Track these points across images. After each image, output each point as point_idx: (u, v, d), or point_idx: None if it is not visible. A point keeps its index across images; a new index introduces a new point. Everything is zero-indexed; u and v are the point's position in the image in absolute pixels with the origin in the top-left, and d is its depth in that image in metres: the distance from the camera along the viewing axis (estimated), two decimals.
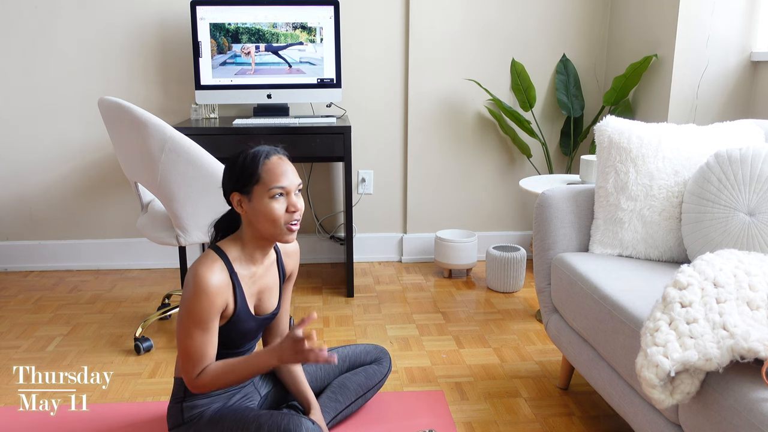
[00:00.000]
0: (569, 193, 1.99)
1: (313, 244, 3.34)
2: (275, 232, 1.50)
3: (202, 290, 1.44)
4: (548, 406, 1.96)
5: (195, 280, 1.45)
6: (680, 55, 2.65)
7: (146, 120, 2.05)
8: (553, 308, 1.97)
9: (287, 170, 1.49)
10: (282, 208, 1.48)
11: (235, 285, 1.52)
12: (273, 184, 1.47)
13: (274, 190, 1.47)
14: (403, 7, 3.11)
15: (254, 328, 1.62)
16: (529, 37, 3.18)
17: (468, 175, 3.31)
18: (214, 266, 1.48)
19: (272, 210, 1.47)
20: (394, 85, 3.19)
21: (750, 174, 1.63)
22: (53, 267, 3.23)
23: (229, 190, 1.52)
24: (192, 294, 1.45)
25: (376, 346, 1.92)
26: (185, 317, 1.47)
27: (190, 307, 1.45)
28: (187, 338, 1.47)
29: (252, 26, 2.86)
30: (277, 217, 1.48)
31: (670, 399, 1.23)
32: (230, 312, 1.54)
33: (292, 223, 1.50)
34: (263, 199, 1.47)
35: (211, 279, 1.45)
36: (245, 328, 1.58)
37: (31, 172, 3.14)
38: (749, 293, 1.30)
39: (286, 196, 1.49)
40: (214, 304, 1.46)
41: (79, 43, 3.02)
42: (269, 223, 1.48)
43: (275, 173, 1.47)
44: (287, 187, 1.48)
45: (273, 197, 1.47)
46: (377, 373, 1.87)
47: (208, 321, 1.47)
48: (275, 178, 1.47)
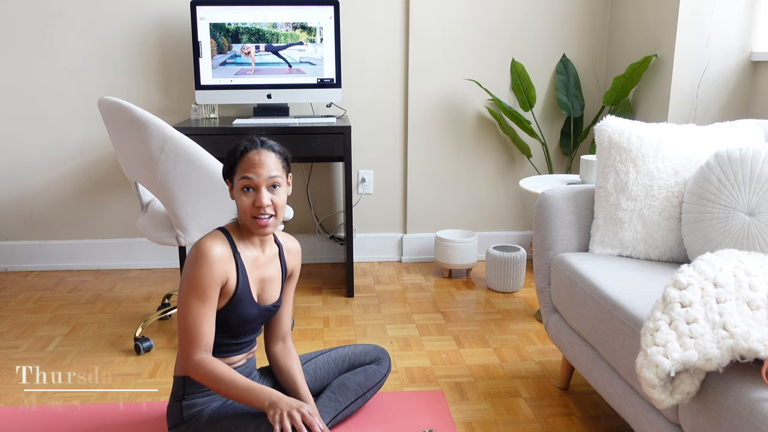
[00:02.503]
0: (569, 193, 1.99)
1: (313, 244, 3.34)
2: (247, 223, 1.55)
3: (203, 257, 1.48)
4: (548, 406, 1.96)
5: (197, 249, 1.50)
6: (680, 55, 2.65)
7: (146, 120, 2.05)
8: (553, 308, 1.97)
9: (259, 164, 1.51)
10: (249, 201, 1.52)
11: (237, 261, 1.55)
12: (241, 175, 1.52)
13: (242, 181, 1.52)
14: (403, 7, 3.11)
15: (255, 316, 1.62)
16: (529, 37, 3.18)
17: (468, 175, 3.31)
18: (216, 238, 1.53)
19: (241, 202, 1.53)
20: (394, 85, 3.19)
21: (750, 174, 1.63)
22: (53, 267, 3.23)
23: (223, 176, 1.60)
24: (192, 262, 1.49)
25: (375, 347, 1.92)
26: (185, 286, 1.50)
27: (190, 275, 1.49)
28: (185, 309, 1.49)
29: (252, 26, 2.86)
30: (244, 209, 1.53)
31: (670, 399, 1.23)
32: (231, 289, 1.55)
33: (259, 216, 1.53)
34: (238, 189, 1.53)
35: (213, 247, 1.50)
36: (246, 314, 1.59)
37: (31, 172, 3.14)
38: (749, 293, 1.30)
39: (255, 190, 1.52)
40: (213, 272, 1.48)
41: (79, 43, 3.02)
42: (241, 213, 1.55)
43: (245, 166, 1.52)
44: (255, 181, 1.51)
45: (242, 189, 1.52)
46: (377, 373, 1.87)
47: (206, 291, 1.48)
48: (244, 171, 1.52)
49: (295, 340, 2.41)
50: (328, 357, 1.86)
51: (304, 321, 2.59)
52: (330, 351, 1.88)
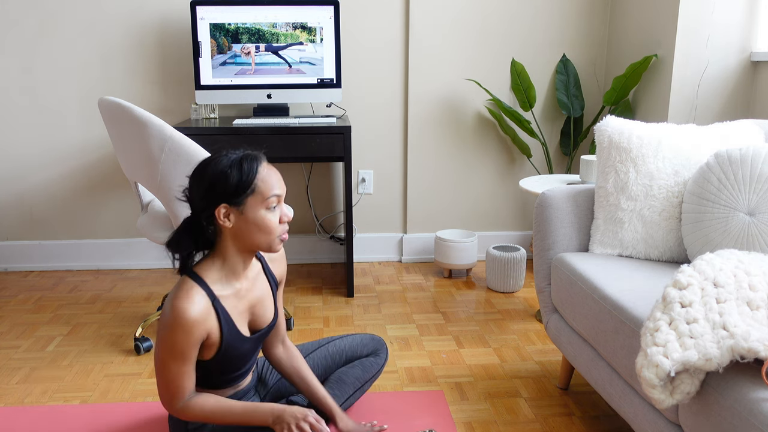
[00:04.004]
0: (569, 193, 1.99)
1: (313, 244, 3.34)
2: (268, 242, 1.42)
3: (178, 323, 1.35)
4: (548, 406, 1.96)
5: (172, 313, 1.36)
6: (680, 55, 2.65)
7: (146, 120, 2.05)
8: (553, 308, 1.97)
9: (277, 176, 1.43)
10: (276, 219, 1.41)
11: (218, 310, 1.43)
12: (269, 194, 1.39)
13: (270, 200, 1.39)
14: (403, 7, 3.11)
15: (251, 348, 1.55)
16: (529, 37, 3.18)
17: (468, 175, 3.31)
18: (191, 294, 1.38)
19: (268, 221, 1.40)
20: (394, 85, 3.19)
21: (750, 174, 1.63)
22: (53, 267, 3.23)
23: (215, 201, 1.38)
24: (167, 327, 1.37)
25: (372, 337, 1.91)
26: (161, 349, 1.39)
27: (166, 340, 1.37)
28: (164, 369, 1.41)
29: (252, 26, 2.86)
30: (274, 228, 1.41)
31: (670, 399, 1.23)
32: (216, 339, 1.44)
33: (285, 233, 1.44)
34: (257, 210, 1.39)
35: (189, 310, 1.36)
36: (241, 352, 1.51)
37: (31, 172, 3.14)
38: (749, 293, 1.30)
39: (279, 205, 1.43)
40: (190, 337, 1.37)
41: (79, 43, 3.02)
42: (263, 234, 1.40)
43: (269, 182, 1.40)
44: (281, 195, 1.43)
45: (268, 208, 1.40)
46: (374, 365, 1.86)
47: (184, 354, 1.39)
48: (270, 187, 1.40)
49: (294, 340, 2.41)
50: (325, 352, 1.85)
51: (304, 321, 2.59)
52: (327, 344, 1.87)
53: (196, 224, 1.44)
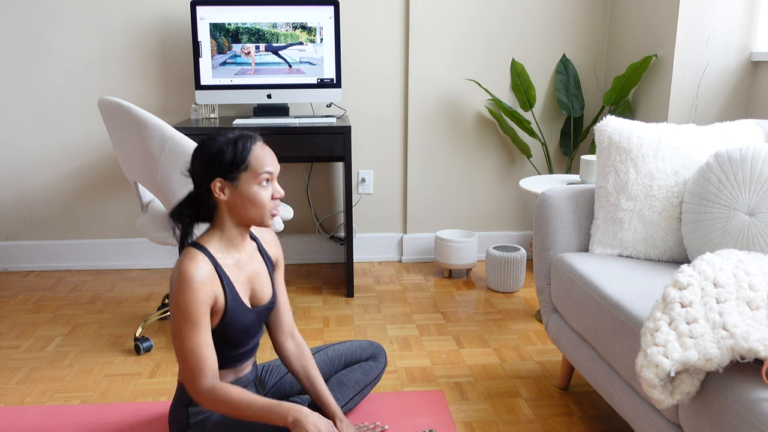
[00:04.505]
0: (569, 193, 1.99)
1: (313, 244, 3.34)
2: (260, 216, 1.52)
3: (185, 284, 1.43)
4: (548, 406, 1.96)
5: (178, 277, 1.44)
6: (680, 55, 2.65)
7: (146, 120, 2.05)
8: (553, 308, 1.97)
9: (271, 155, 1.52)
10: (268, 195, 1.51)
11: (221, 275, 1.50)
12: (262, 170, 1.49)
13: (263, 176, 1.49)
14: (403, 7, 3.11)
15: (254, 322, 1.59)
16: (529, 37, 3.18)
17: (468, 175, 3.31)
18: (196, 259, 1.46)
19: (260, 196, 1.50)
20: (394, 85, 3.19)
21: (750, 174, 1.64)
22: (53, 267, 3.23)
23: (211, 176, 1.49)
24: (176, 290, 1.44)
25: (371, 343, 1.93)
26: (175, 316, 1.45)
27: (178, 304, 1.44)
28: (181, 339, 1.45)
29: (252, 26, 2.86)
30: (265, 203, 1.51)
31: (670, 399, 1.23)
32: (221, 305, 1.50)
33: (275, 208, 1.53)
34: (251, 185, 1.49)
35: (194, 271, 1.44)
36: (244, 323, 1.55)
37: (31, 172, 3.14)
38: (749, 293, 1.30)
39: (271, 182, 1.52)
40: (199, 296, 1.44)
41: (79, 43, 3.02)
42: (256, 208, 1.50)
43: (263, 160, 1.50)
44: (274, 173, 1.52)
45: (260, 184, 1.50)
46: (374, 369, 1.88)
47: (197, 316, 1.44)
48: (263, 164, 1.50)
49: None
50: (324, 356, 1.86)
51: (304, 321, 2.59)
52: (326, 348, 1.88)
53: (198, 197, 1.54)
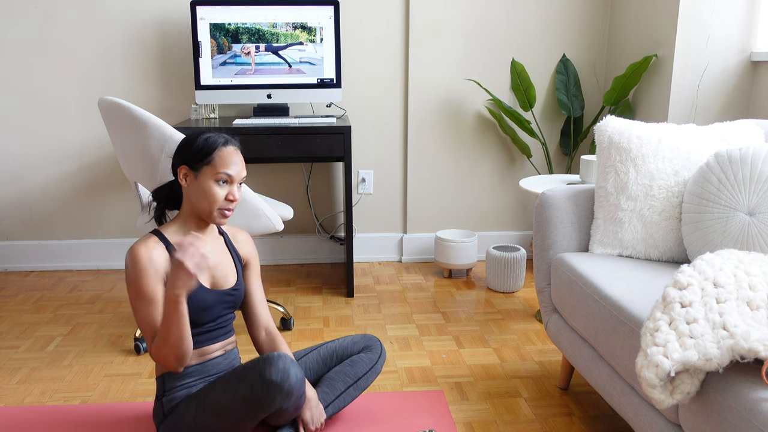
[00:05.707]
0: (569, 193, 1.99)
1: (313, 244, 3.34)
2: (209, 212, 1.61)
3: (134, 264, 1.54)
4: (548, 406, 1.96)
5: (128, 257, 1.56)
6: (680, 55, 2.65)
7: (146, 120, 2.05)
8: (553, 308, 1.97)
9: (237, 161, 1.62)
10: (223, 193, 1.60)
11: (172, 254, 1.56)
12: (221, 170, 1.59)
13: (220, 175, 1.59)
14: (403, 7, 3.11)
15: (212, 302, 1.64)
16: (529, 37, 3.18)
17: (468, 175, 3.31)
18: (146, 241, 1.58)
19: (213, 192, 1.59)
20: (394, 85, 3.19)
21: (750, 174, 1.64)
22: (53, 267, 3.23)
23: (179, 161, 1.62)
24: (127, 271, 1.56)
25: (364, 336, 1.89)
26: (130, 295, 1.56)
27: (129, 283, 1.55)
28: (137, 314, 1.56)
29: (252, 26, 2.86)
30: (216, 199, 1.60)
31: (670, 399, 1.23)
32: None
33: (227, 209, 1.62)
34: (208, 180, 1.59)
35: (141, 251, 1.55)
36: (200, 300, 1.61)
37: (31, 172, 3.14)
38: (749, 293, 1.30)
39: (229, 184, 1.61)
40: (147, 274, 1.54)
41: (79, 43, 3.02)
42: (207, 202, 1.60)
43: (226, 161, 1.60)
44: (233, 177, 1.61)
45: (217, 181, 1.60)
46: (365, 359, 1.83)
47: (147, 292, 1.54)
48: (225, 165, 1.60)
49: (294, 340, 2.41)
50: (316, 355, 1.85)
51: (304, 321, 2.59)
52: (319, 348, 1.87)
53: (174, 183, 1.70)
